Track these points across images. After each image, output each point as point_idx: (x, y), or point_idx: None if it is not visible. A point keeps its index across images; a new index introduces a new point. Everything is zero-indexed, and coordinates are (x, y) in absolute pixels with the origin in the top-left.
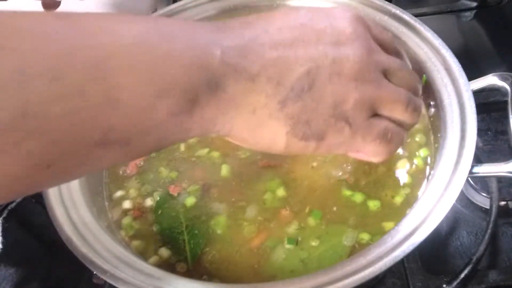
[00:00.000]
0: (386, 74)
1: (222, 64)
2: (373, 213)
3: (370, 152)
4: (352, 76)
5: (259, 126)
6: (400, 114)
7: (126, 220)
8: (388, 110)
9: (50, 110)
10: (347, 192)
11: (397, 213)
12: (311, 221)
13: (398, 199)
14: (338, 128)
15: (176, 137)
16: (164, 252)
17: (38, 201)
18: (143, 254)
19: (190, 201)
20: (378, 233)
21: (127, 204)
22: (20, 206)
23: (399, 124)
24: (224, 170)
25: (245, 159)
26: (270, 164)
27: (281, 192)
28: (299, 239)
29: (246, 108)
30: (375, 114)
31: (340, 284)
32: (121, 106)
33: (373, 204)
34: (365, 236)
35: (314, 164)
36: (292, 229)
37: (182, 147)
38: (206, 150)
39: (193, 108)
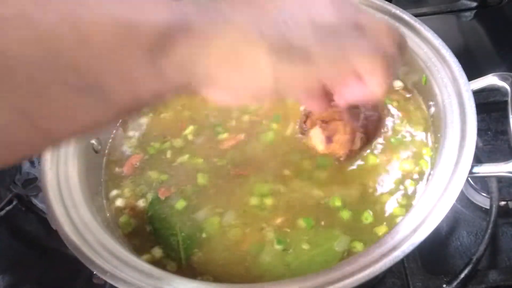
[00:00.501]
0: None
1: (194, 9)
2: (365, 225)
3: (367, 67)
4: (329, 2)
5: (241, 60)
6: (385, 34)
7: (123, 219)
8: (371, 30)
9: (26, 51)
10: (337, 203)
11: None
12: (302, 225)
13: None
14: (325, 42)
15: (153, 84)
16: (157, 251)
17: (29, 208)
18: (138, 252)
19: (180, 204)
20: (371, 241)
21: (122, 203)
22: (10, 214)
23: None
24: (201, 178)
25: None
26: (243, 173)
27: (269, 198)
28: (289, 241)
29: (223, 42)
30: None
31: (340, 284)
32: (92, 44)
33: (365, 218)
34: (357, 245)
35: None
36: (281, 232)
37: (169, 153)
38: (187, 156)
39: (165, 45)
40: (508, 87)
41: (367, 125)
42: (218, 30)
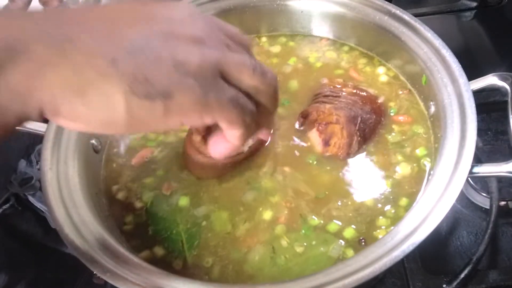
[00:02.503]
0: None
1: (27, 28)
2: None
3: (225, 117)
4: (192, 40)
5: (87, 87)
6: (249, 77)
7: (124, 219)
8: (235, 73)
9: None
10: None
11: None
12: (298, 228)
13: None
14: (186, 86)
15: None
16: (159, 250)
17: (26, 208)
18: (139, 252)
19: (183, 201)
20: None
21: (122, 198)
22: (6, 213)
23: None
24: None
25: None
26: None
27: (266, 196)
28: (283, 243)
29: (64, 68)
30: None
31: (340, 284)
32: None
33: (349, 233)
34: (349, 252)
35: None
36: (276, 233)
37: (167, 148)
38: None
39: None
40: (508, 87)
41: (365, 128)
42: (61, 54)
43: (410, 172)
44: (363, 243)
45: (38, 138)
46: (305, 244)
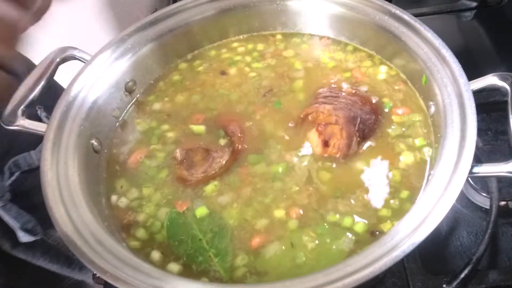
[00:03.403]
0: None
1: None
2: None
3: None
4: None
5: None
6: None
7: (138, 233)
8: None
9: None
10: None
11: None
12: (311, 223)
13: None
14: None
15: None
16: (175, 267)
17: None
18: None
19: (200, 211)
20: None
21: (124, 205)
22: None
23: None
24: None
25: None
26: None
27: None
28: (297, 238)
29: None
30: None
31: (340, 283)
32: None
33: (359, 227)
34: (362, 246)
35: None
36: (290, 229)
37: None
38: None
39: None
40: (508, 87)
41: (364, 129)
42: None
43: (413, 161)
44: (377, 233)
45: (13, 148)
46: (318, 238)
